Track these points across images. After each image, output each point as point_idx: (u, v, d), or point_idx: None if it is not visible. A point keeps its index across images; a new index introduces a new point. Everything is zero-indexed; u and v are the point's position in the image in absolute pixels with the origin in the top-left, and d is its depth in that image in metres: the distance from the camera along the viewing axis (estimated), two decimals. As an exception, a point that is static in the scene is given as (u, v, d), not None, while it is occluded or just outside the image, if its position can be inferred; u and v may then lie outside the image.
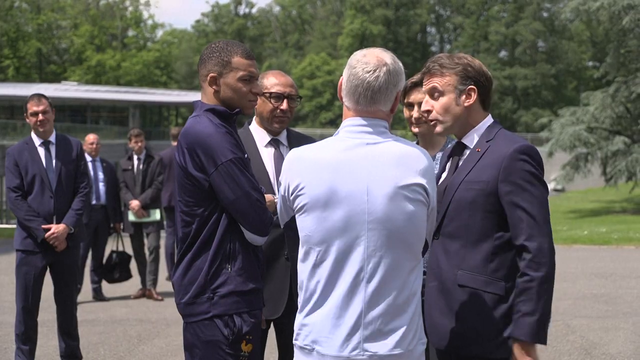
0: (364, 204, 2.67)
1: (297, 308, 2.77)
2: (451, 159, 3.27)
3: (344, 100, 2.81)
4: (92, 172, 9.63)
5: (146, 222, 10.10)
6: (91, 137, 9.90)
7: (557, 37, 72.28)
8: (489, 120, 3.21)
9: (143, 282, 10.11)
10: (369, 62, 2.75)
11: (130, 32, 79.12)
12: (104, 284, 10.05)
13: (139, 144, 10.10)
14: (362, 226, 2.67)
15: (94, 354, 6.86)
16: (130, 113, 56.86)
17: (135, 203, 9.88)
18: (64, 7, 74.32)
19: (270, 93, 3.97)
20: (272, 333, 4.11)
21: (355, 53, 2.84)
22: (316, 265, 2.72)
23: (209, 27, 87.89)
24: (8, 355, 6.70)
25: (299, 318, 2.79)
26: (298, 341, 2.78)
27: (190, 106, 56.24)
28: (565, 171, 29.84)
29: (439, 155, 3.99)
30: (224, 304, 3.18)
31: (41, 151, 6.05)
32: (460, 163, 3.19)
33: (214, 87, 3.30)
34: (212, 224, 3.19)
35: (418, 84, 4.00)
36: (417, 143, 4.00)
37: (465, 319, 3.03)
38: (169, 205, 10.87)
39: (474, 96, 3.16)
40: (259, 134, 4.08)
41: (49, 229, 5.89)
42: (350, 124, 2.78)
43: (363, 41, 69.62)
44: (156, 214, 10.17)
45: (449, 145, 4.01)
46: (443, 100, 3.17)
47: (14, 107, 51.82)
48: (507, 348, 2.99)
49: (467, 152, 3.18)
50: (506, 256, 3.02)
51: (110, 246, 10.01)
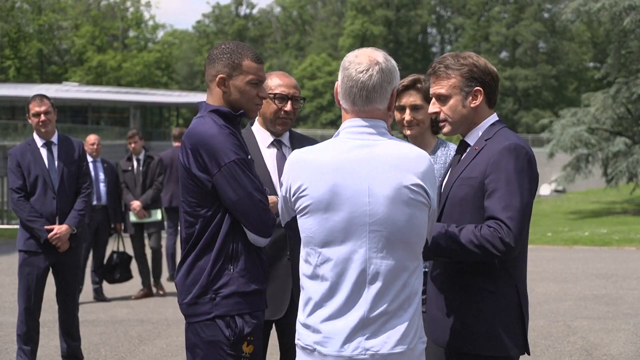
0: (365, 205, 2.69)
1: (297, 308, 2.77)
2: (456, 157, 3.31)
3: (341, 103, 2.83)
4: (93, 173, 9.63)
5: (147, 222, 10.13)
6: (92, 138, 9.92)
7: (558, 38, 72.18)
8: (492, 118, 3.23)
9: (144, 282, 10.12)
10: (361, 62, 2.77)
11: (131, 33, 79.07)
12: (105, 284, 10.05)
13: (133, 145, 10.13)
14: (363, 227, 2.69)
15: (95, 355, 6.86)
16: (131, 114, 56.84)
17: (136, 204, 9.89)
18: (65, 7, 74.30)
19: (275, 94, 3.95)
20: (273, 333, 4.12)
21: (347, 55, 2.86)
22: (318, 266, 2.73)
23: (210, 27, 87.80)
24: (10, 356, 6.71)
25: (300, 318, 2.80)
26: (300, 341, 2.79)
27: (192, 107, 56.25)
28: (566, 172, 29.82)
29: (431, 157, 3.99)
30: (225, 305, 3.18)
31: (43, 152, 6.06)
32: (460, 161, 3.23)
33: (222, 88, 3.30)
34: (215, 224, 3.20)
35: (409, 87, 3.99)
36: None
37: (458, 315, 3.07)
38: (169, 206, 10.88)
39: (480, 97, 3.19)
40: (261, 135, 4.07)
41: (51, 230, 5.90)
42: (350, 125, 2.80)
43: (364, 42, 69.53)
44: (157, 214, 10.19)
45: (443, 148, 4.04)
46: (450, 102, 3.21)
47: (15, 108, 51.80)
48: (498, 345, 3.02)
49: (468, 149, 3.22)
50: None
51: (111, 247, 10.02)
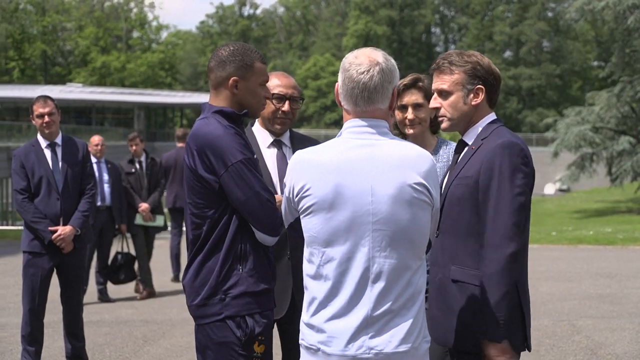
0: (368, 204, 2.69)
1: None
2: (455, 156, 3.32)
3: (342, 104, 2.84)
4: (97, 174, 9.63)
5: (151, 226, 10.18)
6: (96, 139, 9.92)
7: (562, 37, 72.13)
8: (490, 117, 3.24)
9: (144, 282, 10.12)
10: (362, 63, 2.77)
11: (135, 34, 79.24)
12: (109, 285, 10.06)
13: (134, 147, 10.18)
14: (366, 227, 2.69)
15: (99, 355, 6.87)
16: (135, 114, 56.92)
17: (145, 206, 9.93)
18: (69, 9, 74.48)
19: (273, 94, 3.95)
20: (275, 333, 4.11)
21: (346, 56, 2.86)
22: (321, 266, 2.73)
23: (214, 28, 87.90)
24: (14, 357, 6.71)
25: (304, 318, 2.80)
26: (304, 341, 2.79)
27: (195, 107, 56.20)
28: (570, 171, 29.80)
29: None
30: (236, 305, 3.18)
31: (47, 153, 6.06)
32: (458, 160, 3.24)
33: (234, 90, 3.29)
34: (222, 225, 3.19)
35: (410, 86, 4.00)
36: None
37: (458, 314, 3.08)
38: (173, 207, 10.90)
39: (481, 95, 3.20)
40: (261, 135, 4.08)
41: (55, 231, 5.90)
42: (352, 125, 2.80)
43: (367, 42, 69.46)
44: (160, 220, 10.24)
45: (445, 146, 4.04)
46: (451, 98, 3.22)
47: (19, 109, 51.90)
48: None
49: (466, 149, 3.23)
50: None
51: (115, 247, 10.03)
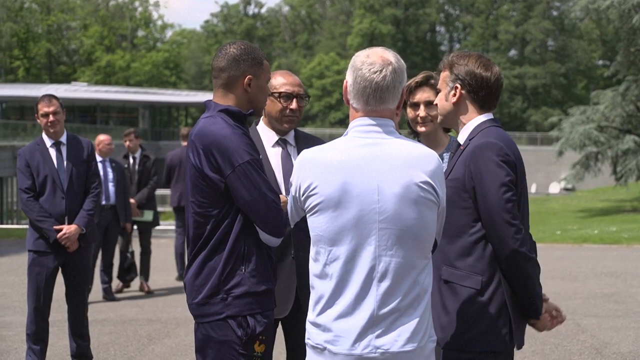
0: (374, 203, 2.69)
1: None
2: (451, 156, 3.38)
3: (351, 102, 2.83)
4: (101, 173, 9.63)
5: (138, 221, 10.20)
6: (107, 138, 9.85)
7: (567, 36, 71.95)
8: (480, 118, 3.23)
9: (145, 277, 10.19)
10: (374, 62, 2.77)
11: (140, 33, 79.23)
12: (113, 284, 10.07)
13: (128, 142, 10.22)
14: (373, 225, 2.69)
15: (104, 354, 6.88)
16: (140, 113, 56.97)
17: (131, 201, 9.95)
18: (74, 8, 74.53)
19: (280, 93, 3.96)
20: (279, 332, 4.12)
21: (357, 54, 2.86)
22: (327, 265, 2.73)
23: (218, 27, 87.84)
24: (19, 355, 6.72)
25: (310, 317, 2.80)
26: (310, 340, 2.79)
27: (200, 106, 56.11)
28: (575, 170, 29.76)
29: (446, 155, 3.99)
30: (237, 305, 3.17)
31: (52, 152, 6.05)
32: (450, 161, 3.29)
33: (247, 88, 3.29)
34: (226, 225, 3.18)
35: (422, 84, 4.02)
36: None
37: (447, 313, 3.11)
38: (178, 206, 10.89)
39: (458, 93, 3.22)
40: (266, 134, 4.08)
41: (60, 230, 5.91)
42: (359, 124, 2.80)
43: (372, 41, 69.44)
44: (149, 215, 10.25)
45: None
46: (440, 94, 3.31)
47: (24, 108, 51.99)
48: (485, 341, 3.05)
49: (459, 150, 3.26)
50: (482, 251, 3.08)
51: (120, 246, 10.05)
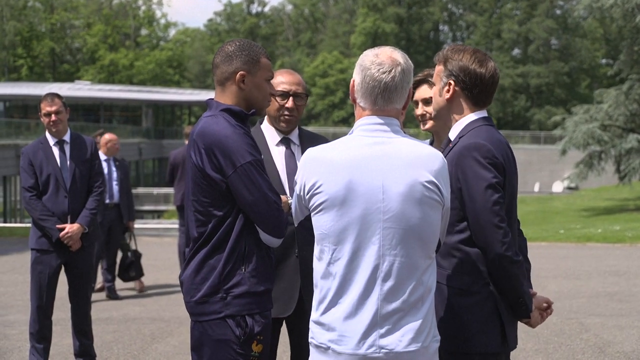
0: (379, 202, 2.68)
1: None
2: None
3: (358, 101, 2.82)
4: (105, 171, 9.66)
5: None
6: (114, 137, 9.83)
7: (570, 35, 71.85)
8: (473, 116, 3.16)
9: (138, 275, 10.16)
10: (383, 62, 2.76)
11: (143, 31, 79.29)
12: (117, 283, 10.08)
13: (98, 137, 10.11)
14: (377, 224, 2.68)
15: (107, 353, 6.88)
16: (143, 112, 57.02)
17: None
18: (77, 6, 74.60)
19: (276, 91, 3.96)
20: (284, 331, 4.11)
21: (365, 53, 2.84)
22: (331, 263, 2.73)
23: (222, 26, 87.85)
24: (23, 354, 6.73)
25: (314, 316, 2.80)
26: (314, 339, 2.79)
27: (204, 105, 56.02)
28: (578, 169, 29.73)
29: None
30: (237, 305, 3.17)
31: (55, 150, 6.05)
32: None
33: (240, 85, 3.28)
34: (227, 224, 3.18)
35: (421, 82, 4.00)
36: (432, 140, 3.97)
37: (435, 313, 3.03)
38: (181, 204, 10.89)
39: (451, 90, 3.15)
40: (269, 133, 4.06)
41: (63, 229, 5.91)
42: (365, 122, 2.79)
43: (375, 39, 69.44)
44: None
45: None
46: (434, 89, 3.24)
47: (28, 107, 52.06)
48: (472, 342, 3.00)
49: (449, 146, 3.19)
50: (468, 251, 3.03)
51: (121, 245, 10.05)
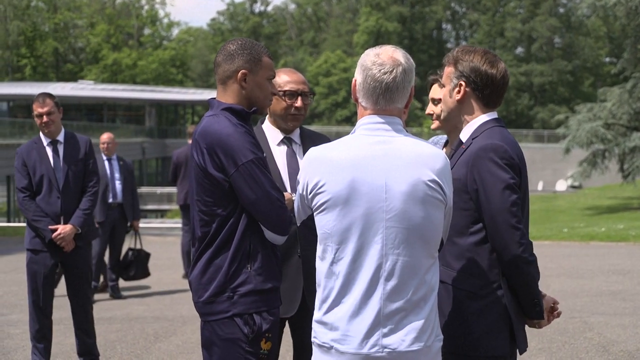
0: (382, 201, 2.67)
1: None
2: (452, 154, 3.26)
3: (360, 101, 2.81)
4: (108, 171, 9.66)
5: None
6: (105, 137, 9.83)
7: (574, 33, 71.82)
8: (485, 117, 3.15)
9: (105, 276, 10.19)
10: (385, 62, 2.75)
11: (146, 31, 79.37)
12: (120, 281, 10.08)
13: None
14: (380, 223, 2.67)
15: (111, 352, 6.88)
16: (146, 111, 57.08)
17: None
18: (80, 6, 74.67)
19: (284, 91, 3.93)
20: (287, 331, 4.10)
21: (367, 53, 2.83)
22: (334, 263, 2.72)
23: (225, 25, 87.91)
24: (25, 353, 6.73)
25: (317, 316, 2.79)
26: (316, 339, 2.78)
27: (207, 104, 55.93)
28: (582, 168, 29.71)
29: None
30: (244, 303, 3.17)
31: (49, 151, 6.00)
32: (451, 159, 3.18)
33: (242, 83, 3.27)
34: (232, 223, 3.18)
35: (435, 81, 3.99)
36: (447, 141, 3.94)
37: (443, 315, 3.03)
38: (184, 204, 10.89)
39: (462, 91, 3.14)
40: (271, 133, 4.05)
41: (56, 229, 5.85)
42: (367, 122, 2.79)
43: (378, 38, 69.46)
44: None
45: None
46: (444, 90, 3.22)
47: (31, 107, 52.05)
48: (480, 345, 2.98)
49: (460, 148, 3.17)
50: (481, 253, 3.00)
51: (128, 244, 10.06)
